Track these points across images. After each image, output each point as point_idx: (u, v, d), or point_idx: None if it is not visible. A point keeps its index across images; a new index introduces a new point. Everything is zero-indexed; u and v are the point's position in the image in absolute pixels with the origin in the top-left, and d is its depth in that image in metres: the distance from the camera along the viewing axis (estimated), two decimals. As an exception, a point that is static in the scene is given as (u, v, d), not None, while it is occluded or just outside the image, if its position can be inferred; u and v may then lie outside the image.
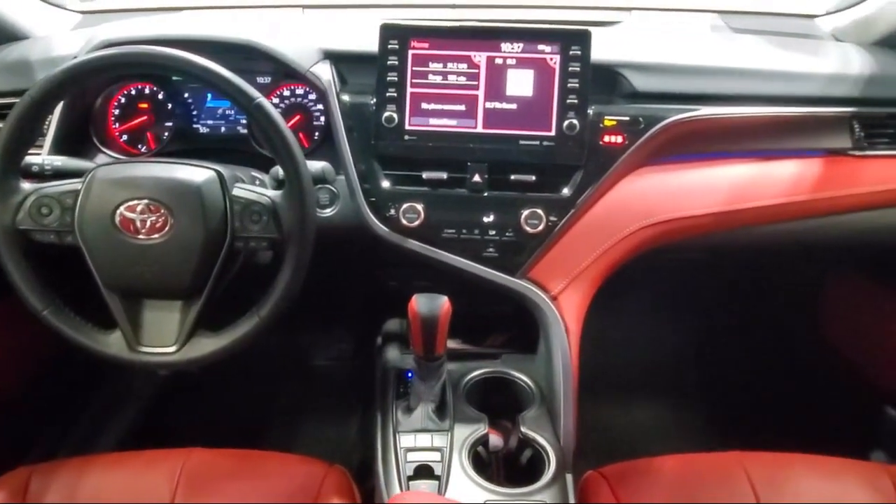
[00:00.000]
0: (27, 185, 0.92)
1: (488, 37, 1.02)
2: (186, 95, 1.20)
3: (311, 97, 1.18)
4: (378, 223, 1.05)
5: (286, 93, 1.18)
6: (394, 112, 1.03)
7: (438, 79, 1.03)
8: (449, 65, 1.03)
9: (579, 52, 1.01)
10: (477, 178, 1.05)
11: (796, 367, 1.60)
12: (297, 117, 1.18)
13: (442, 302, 0.96)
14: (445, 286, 1.01)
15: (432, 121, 1.04)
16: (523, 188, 1.05)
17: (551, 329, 1.07)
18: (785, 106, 1.10)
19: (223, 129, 1.20)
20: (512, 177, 1.05)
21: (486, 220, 1.05)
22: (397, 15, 1.21)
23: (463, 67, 1.03)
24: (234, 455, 1.06)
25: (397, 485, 0.96)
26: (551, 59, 1.02)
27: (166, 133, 1.19)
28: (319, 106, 1.18)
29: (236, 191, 0.93)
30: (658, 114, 1.06)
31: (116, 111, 1.19)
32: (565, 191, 1.05)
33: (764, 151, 1.12)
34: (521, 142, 1.04)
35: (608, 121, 1.05)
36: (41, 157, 0.97)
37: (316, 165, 1.01)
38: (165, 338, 0.94)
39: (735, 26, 1.30)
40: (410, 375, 1.11)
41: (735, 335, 1.71)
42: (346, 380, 1.71)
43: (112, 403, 1.62)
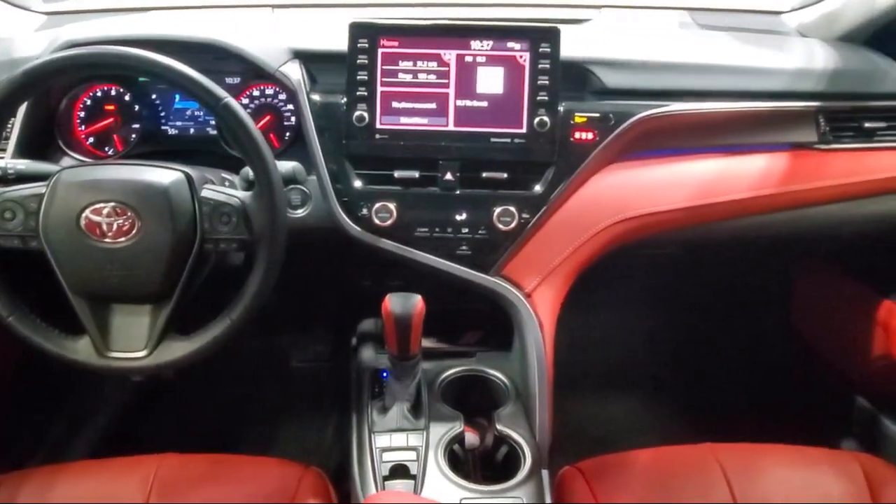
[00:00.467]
0: None
1: (458, 35, 1.02)
2: (154, 97, 1.19)
3: (282, 97, 1.17)
4: (350, 223, 1.05)
5: (256, 93, 1.17)
6: (364, 111, 1.03)
7: (409, 77, 1.03)
8: (419, 63, 1.03)
9: (549, 50, 1.02)
10: (449, 177, 1.05)
11: (768, 359, 1.62)
12: (268, 118, 1.17)
13: (415, 301, 0.96)
14: (420, 285, 1.01)
15: (403, 119, 1.04)
16: (495, 186, 1.05)
17: (525, 326, 1.07)
18: (752, 101, 1.11)
19: (192, 131, 1.19)
20: (484, 174, 1.05)
21: (459, 219, 1.05)
22: (368, 14, 1.21)
23: (433, 65, 1.03)
24: (208, 459, 1.05)
25: (373, 485, 0.96)
26: (521, 57, 1.02)
27: (133, 135, 1.17)
28: (290, 106, 1.17)
29: (205, 192, 0.92)
30: (628, 110, 1.07)
31: (82, 113, 1.17)
32: (537, 188, 1.06)
33: (732, 146, 1.13)
34: (493, 139, 1.04)
35: (579, 117, 1.06)
36: (4, 161, 0.96)
37: (286, 166, 1.01)
38: (135, 342, 0.93)
39: (703, 23, 1.31)
40: (385, 375, 1.11)
41: (708, 328, 1.73)
42: (324, 381, 1.70)
43: (84, 410, 1.59)
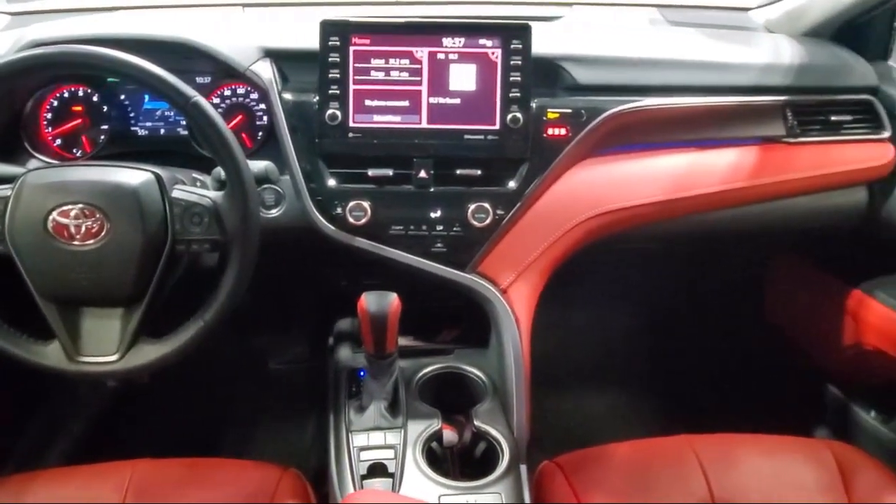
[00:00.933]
0: None
1: (429, 32, 1.02)
2: (123, 97, 1.17)
3: (253, 96, 1.16)
4: (325, 222, 1.04)
5: (227, 92, 1.16)
6: (337, 110, 1.02)
7: (381, 75, 1.03)
8: (391, 61, 1.03)
9: (520, 46, 1.02)
10: (423, 174, 1.04)
11: (743, 351, 1.65)
12: (239, 117, 1.16)
13: (391, 299, 0.96)
14: (396, 283, 1.01)
15: (376, 117, 1.04)
16: (469, 182, 1.05)
17: (502, 322, 1.08)
18: (721, 96, 1.13)
19: (163, 131, 1.18)
20: (458, 171, 1.05)
21: (434, 216, 1.05)
22: (339, 12, 1.20)
23: (405, 63, 1.03)
24: (184, 464, 1.04)
25: (351, 484, 0.95)
26: (493, 54, 1.03)
27: (102, 136, 1.15)
28: (262, 105, 1.16)
29: (176, 192, 0.91)
30: (600, 105, 1.07)
31: (48, 115, 1.15)
32: (511, 184, 1.06)
33: (703, 141, 1.15)
34: (466, 136, 1.04)
35: (551, 113, 1.06)
36: None
37: (259, 165, 1.00)
38: (106, 346, 0.92)
39: (672, 19, 1.33)
40: (363, 374, 1.10)
41: (683, 321, 1.75)
42: (302, 382, 1.69)
43: (58, 417, 1.56)
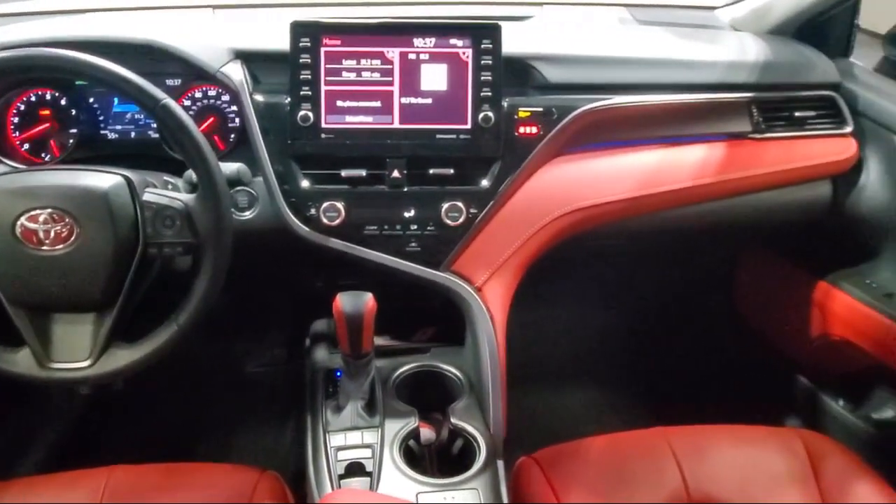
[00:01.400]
0: None
1: (400, 32, 1.03)
2: (92, 100, 1.16)
3: (225, 98, 1.15)
4: (299, 223, 1.04)
5: (198, 94, 1.15)
6: (309, 111, 1.02)
7: (352, 76, 1.03)
8: (362, 61, 1.03)
9: (491, 46, 1.03)
10: (396, 174, 1.05)
11: (715, 343, 1.67)
12: (211, 119, 1.15)
13: (366, 299, 0.96)
14: (372, 284, 1.01)
15: (348, 118, 1.04)
16: (442, 182, 1.06)
17: (477, 320, 1.08)
18: (689, 93, 1.15)
19: (133, 135, 1.16)
20: (431, 171, 1.05)
21: (408, 216, 1.06)
22: (311, 14, 1.20)
23: (377, 63, 1.03)
24: (161, 469, 1.03)
25: (328, 484, 0.95)
26: (464, 53, 1.04)
27: (71, 140, 1.14)
28: (233, 107, 1.15)
29: (147, 196, 0.91)
30: (570, 104, 1.09)
31: (15, 119, 1.13)
32: (484, 183, 1.07)
33: (671, 138, 1.17)
34: (438, 136, 1.05)
35: (522, 112, 1.07)
36: None
37: (231, 167, 0.99)
38: (78, 352, 0.91)
39: (641, 18, 1.35)
40: (339, 375, 1.10)
41: (656, 316, 1.77)
42: (280, 385, 1.68)
43: (31, 425, 1.54)
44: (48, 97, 1.14)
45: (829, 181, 1.26)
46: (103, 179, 0.89)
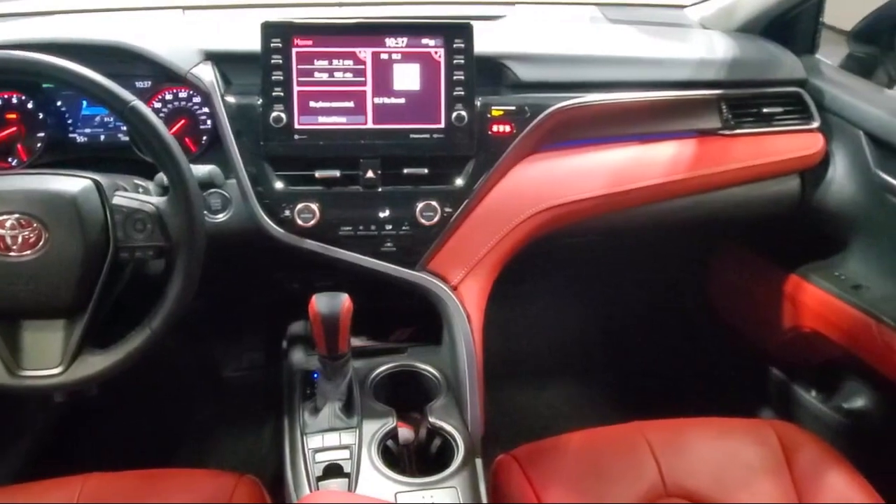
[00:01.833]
0: None
1: (372, 32, 1.03)
2: (59, 103, 1.14)
3: (196, 100, 1.14)
4: (273, 225, 1.04)
5: (168, 97, 1.14)
6: (282, 112, 1.02)
7: (325, 76, 1.03)
8: (334, 62, 1.03)
9: (463, 45, 1.03)
10: (370, 174, 1.05)
11: (689, 338, 1.69)
12: (182, 122, 1.14)
13: (342, 300, 0.96)
14: (348, 284, 1.01)
15: (321, 119, 1.04)
16: (417, 181, 1.06)
17: (453, 319, 1.09)
18: (659, 90, 1.16)
19: (103, 138, 1.15)
20: (405, 171, 1.05)
21: (382, 216, 1.05)
22: (281, 15, 1.19)
23: (349, 64, 1.03)
24: (137, 476, 1.02)
25: (306, 486, 0.95)
26: (436, 53, 1.04)
27: (39, 144, 1.12)
28: (205, 109, 1.14)
29: (117, 199, 0.89)
30: (543, 102, 1.09)
31: (-20, 123, 1.11)
32: (458, 182, 1.07)
33: (643, 135, 1.18)
34: (412, 135, 1.05)
35: (496, 111, 1.08)
36: None
37: (202, 169, 0.99)
38: (49, 359, 0.89)
39: (612, 17, 1.36)
40: (317, 376, 1.10)
41: (632, 312, 1.79)
42: (258, 389, 1.67)
43: (5, 434, 1.51)
44: (14, 101, 1.12)
45: (798, 176, 1.28)
46: (72, 183, 0.87)
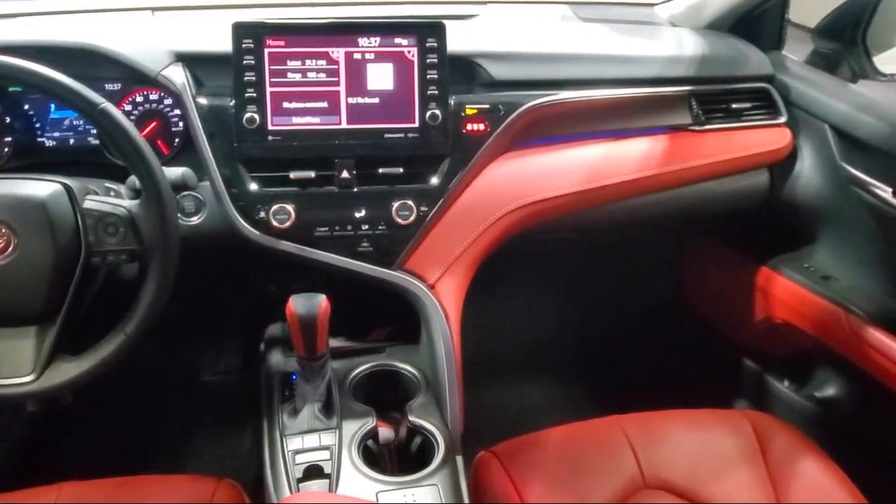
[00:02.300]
0: None
1: (344, 32, 1.03)
2: (27, 107, 1.12)
3: (167, 102, 1.13)
4: (248, 227, 1.03)
5: (139, 99, 1.13)
6: (255, 113, 1.01)
7: (298, 76, 1.02)
8: (307, 62, 1.02)
9: (435, 44, 1.04)
10: (345, 175, 1.05)
11: (665, 331, 1.71)
12: (154, 124, 1.13)
13: (320, 300, 0.95)
14: (325, 285, 1.00)
15: (295, 119, 1.03)
16: (392, 181, 1.06)
17: (431, 317, 1.09)
18: (631, 87, 1.18)
19: (72, 142, 1.13)
20: (380, 170, 1.05)
21: (358, 216, 1.05)
22: (253, 15, 1.19)
23: (322, 64, 1.03)
24: (114, 483, 1.01)
25: (287, 488, 0.94)
26: (409, 52, 1.04)
27: (6, 149, 1.10)
28: (176, 111, 1.13)
29: (88, 203, 0.88)
30: (516, 100, 1.10)
31: (-54, 128, 1.09)
32: (434, 180, 1.07)
33: (616, 131, 1.20)
34: (387, 135, 1.05)
35: (469, 109, 1.08)
36: None
37: (175, 171, 0.98)
38: (20, 367, 0.87)
39: (583, 16, 1.37)
40: (295, 378, 1.09)
41: (608, 307, 1.80)
42: (236, 393, 1.65)
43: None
44: None
45: (767, 170, 1.30)
46: (41, 188, 0.86)
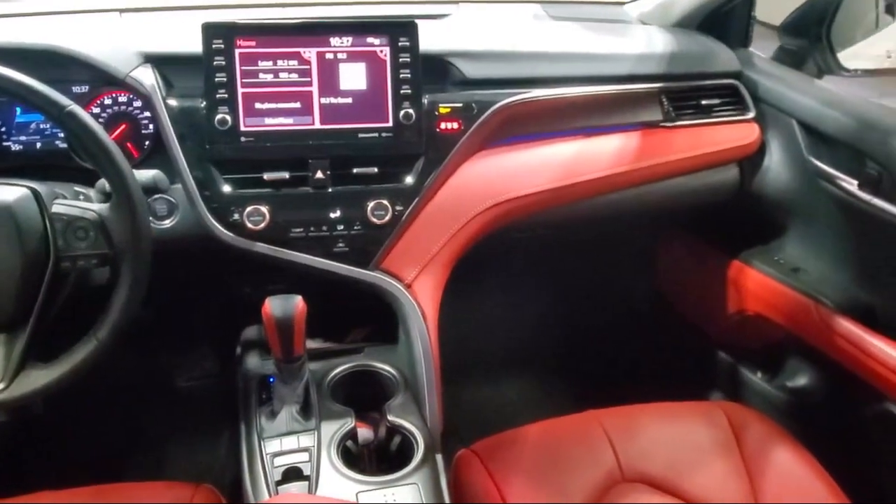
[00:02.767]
0: None
1: (316, 32, 1.02)
2: None
3: (137, 104, 1.11)
4: (222, 229, 1.02)
5: (107, 101, 1.11)
6: (226, 114, 1.00)
7: (270, 77, 1.02)
8: (279, 62, 1.02)
9: (408, 43, 1.04)
10: (319, 175, 1.04)
11: (641, 326, 1.73)
12: (123, 127, 1.10)
13: (296, 302, 0.95)
14: (302, 286, 1.00)
15: (268, 120, 1.03)
16: (367, 181, 1.06)
17: (408, 317, 1.09)
18: (602, 85, 1.19)
19: (39, 145, 1.11)
20: (354, 170, 1.05)
21: (333, 216, 1.05)
22: (223, 16, 1.17)
23: (294, 64, 1.02)
24: (89, 492, 0.99)
25: (265, 491, 0.93)
26: (381, 52, 1.04)
27: None
28: (146, 113, 1.11)
29: (56, 207, 0.87)
30: (490, 99, 1.11)
31: None
32: (408, 179, 1.07)
33: (588, 128, 1.21)
34: (360, 135, 1.04)
35: (443, 108, 1.08)
36: None
37: (146, 174, 0.96)
38: None
39: (554, 14, 1.38)
40: (273, 380, 1.09)
41: (583, 303, 1.82)
42: (213, 397, 1.64)
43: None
44: None
45: (737, 165, 1.32)
46: (7, 193, 0.85)
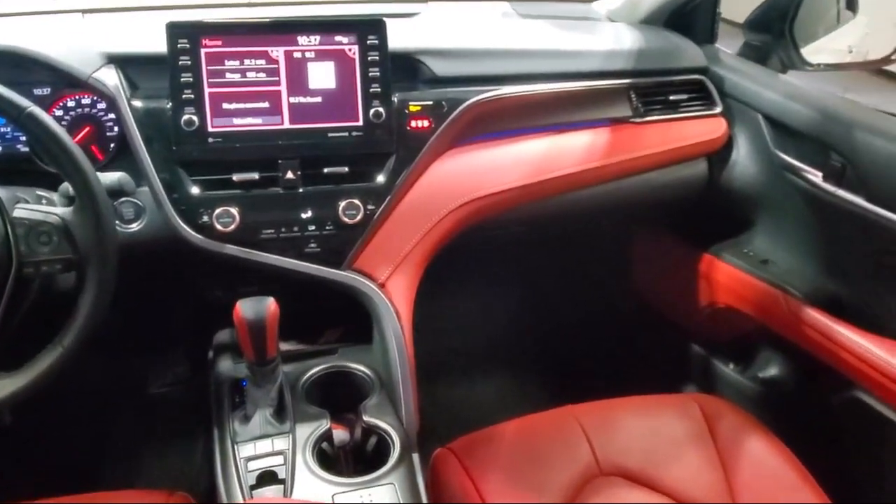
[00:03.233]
0: None
1: (283, 31, 1.01)
2: None
3: (101, 106, 1.09)
4: (191, 232, 1.01)
5: (70, 103, 1.08)
6: (193, 115, 0.99)
7: (237, 77, 1.01)
8: (246, 62, 1.01)
9: (377, 42, 1.03)
10: (290, 175, 1.03)
11: (615, 320, 1.75)
12: (87, 129, 1.08)
13: (268, 304, 0.94)
14: (274, 288, 0.99)
15: (236, 121, 1.01)
16: (338, 180, 1.05)
17: (382, 316, 1.08)
18: (572, 81, 1.20)
19: (0, 149, 1.09)
20: (325, 170, 1.04)
21: (305, 216, 1.04)
22: (187, 16, 1.15)
23: (261, 63, 1.01)
24: (61, 503, 0.97)
25: (239, 496, 0.92)
26: (350, 50, 1.03)
27: None
28: (111, 115, 1.09)
29: (18, 212, 0.85)
30: (459, 96, 1.11)
31: None
32: (380, 178, 1.07)
33: (558, 125, 1.21)
34: (330, 134, 1.04)
35: (413, 106, 1.08)
36: None
37: (111, 177, 0.95)
38: None
39: (523, 12, 1.39)
40: (246, 384, 1.07)
41: (560, 299, 1.83)
42: (186, 403, 1.61)
43: None
44: None
45: (705, 159, 1.34)
46: None
